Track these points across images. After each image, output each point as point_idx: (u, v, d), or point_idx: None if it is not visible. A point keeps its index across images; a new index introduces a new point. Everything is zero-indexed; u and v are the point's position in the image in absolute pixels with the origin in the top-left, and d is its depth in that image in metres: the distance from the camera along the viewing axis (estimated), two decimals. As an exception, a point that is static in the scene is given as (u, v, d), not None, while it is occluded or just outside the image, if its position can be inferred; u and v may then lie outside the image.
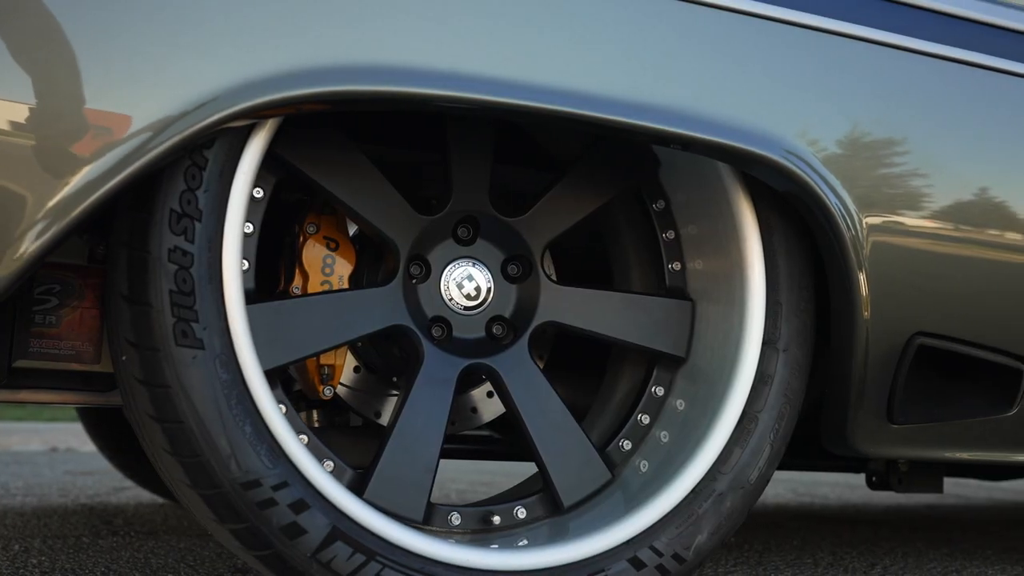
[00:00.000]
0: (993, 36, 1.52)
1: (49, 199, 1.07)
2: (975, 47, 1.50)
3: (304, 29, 1.18)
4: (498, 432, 1.95)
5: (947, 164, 1.52)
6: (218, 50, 1.14)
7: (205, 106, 1.12)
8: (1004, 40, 1.53)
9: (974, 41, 1.50)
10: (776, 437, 1.45)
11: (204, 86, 1.13)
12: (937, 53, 1.48)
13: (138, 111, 1.10)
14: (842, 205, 1.42)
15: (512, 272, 1.52)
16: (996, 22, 1.52)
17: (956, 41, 1.49)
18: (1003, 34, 1.53)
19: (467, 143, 1.47)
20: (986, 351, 1.54)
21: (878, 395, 1.50)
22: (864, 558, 2.18)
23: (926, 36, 1.48)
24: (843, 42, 1.45)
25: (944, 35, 1.49)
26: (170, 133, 1.11)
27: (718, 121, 1.38)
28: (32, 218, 1.07)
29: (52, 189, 1.07)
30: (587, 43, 1.31)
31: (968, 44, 1.50)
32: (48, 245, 1.08)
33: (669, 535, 1.39)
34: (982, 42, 1.51)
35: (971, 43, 1.50)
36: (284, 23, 1.17)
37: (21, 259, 1.08)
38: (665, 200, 1.59)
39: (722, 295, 1.52)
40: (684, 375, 1.56)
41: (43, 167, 1.07)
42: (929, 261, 1.50)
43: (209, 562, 1.95)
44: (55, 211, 1.08)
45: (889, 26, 1.46)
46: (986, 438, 1.59)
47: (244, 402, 1.20)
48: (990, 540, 2.62)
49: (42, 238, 1.08)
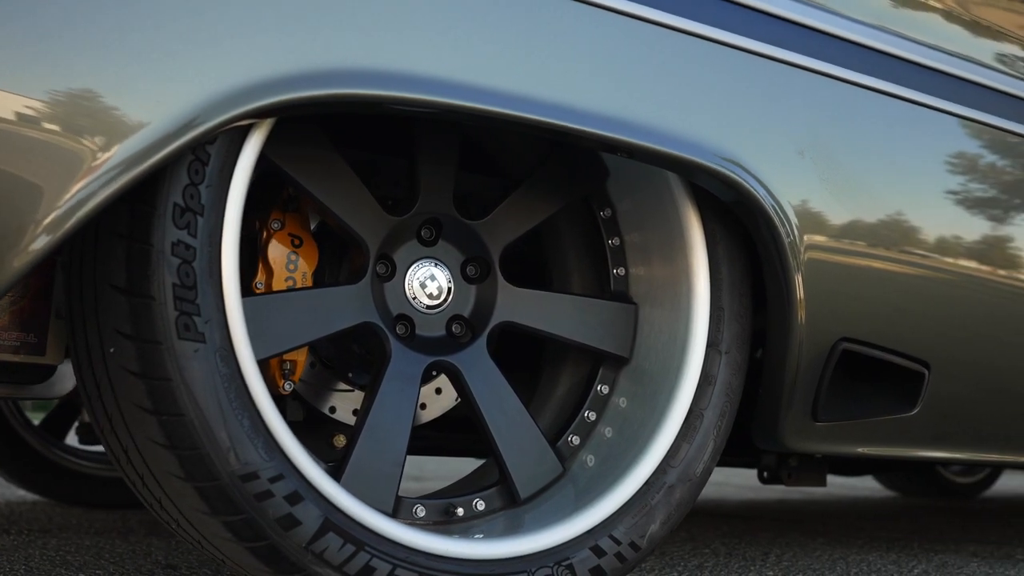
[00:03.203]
0: (922, 74, 1.68)
1: (63, 196, 1.07)
2: (904, 82, 1.65)
3: (308, 36, 1.21)
4: (435, 429, 1.99)
5: (871, 185, 1.66)
6: (231, 51, 1.15)
7: (217, 105, 1.14)
8: (930, 78, 1.69)
9: (903, 76, 1.65)
10: (719, 433, 1.56)
11: (217, 85, 1.14)
12: (868, 84, 1.62)
13: (152, 108, 1.11)
14: (783, 214, 1.54)
15: (471, 273, 1.57)
16: (924, 62, 1.67)
17: (886, 75, 1.64)
18: (930, 72, 1.69)
19: (434, 148, 1.52)
20: (897, 356, 1.69)
21: (806, 395, 1.62)
22: (757, 547, 2.33)
23: (859, 68, 1.62)
24: (787, 68, 1.57)
25: (874, 68, 1.63)
26: (184, 130, 1.12)
27: (664, 131, 1.47)
28: (45, 215, 1.06)
29: (66, 186, 1.07)
30: (542, 53, 1.37)
31: (897, 79, 1.65)
32: (58, 242, 1.07)
33: (626, 525, 1.47)
34: (911, 78, 1.66)
35: (900, 78, 1.65)
36: (293, 28, 1.19)
37: (30, 255, 1.07)
38: (612, 208, 1.68)
39: (668, 300, 1.61)
40: (627, 375, 1.65)
41: (57, 164, 1.07)
42: (854, 272, 1.63)
43: (131, 559, 1.92)
44: (68, 208, 1.07)
45: (827, 56, 1.59)
46: (894, 435, 1.74)
47: (242, 395, 1.21)
48: (856, 531, 2.83)
49: (53, 234, 1.07)
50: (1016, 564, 2.23)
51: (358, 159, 1.53)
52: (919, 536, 2.77)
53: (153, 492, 1.32)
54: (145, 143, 1.10)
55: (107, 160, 1.08)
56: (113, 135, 1.09)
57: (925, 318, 1.72)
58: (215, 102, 1.13)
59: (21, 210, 1.06)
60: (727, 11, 1.54)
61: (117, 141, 1.09)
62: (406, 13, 1.27)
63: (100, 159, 1.08)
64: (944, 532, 2.90)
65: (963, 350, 1.80)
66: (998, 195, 1.86)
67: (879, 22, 1.67)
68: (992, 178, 1.85)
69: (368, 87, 1.24)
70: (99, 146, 1.08)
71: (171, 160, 1.13)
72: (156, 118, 1.10)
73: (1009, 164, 1.88)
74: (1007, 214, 1.86)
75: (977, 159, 1.83)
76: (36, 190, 1.06)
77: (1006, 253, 1.83)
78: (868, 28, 1.65)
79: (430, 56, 1.28)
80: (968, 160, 1.81)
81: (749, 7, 1.55)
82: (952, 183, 1.79)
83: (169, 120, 1.11)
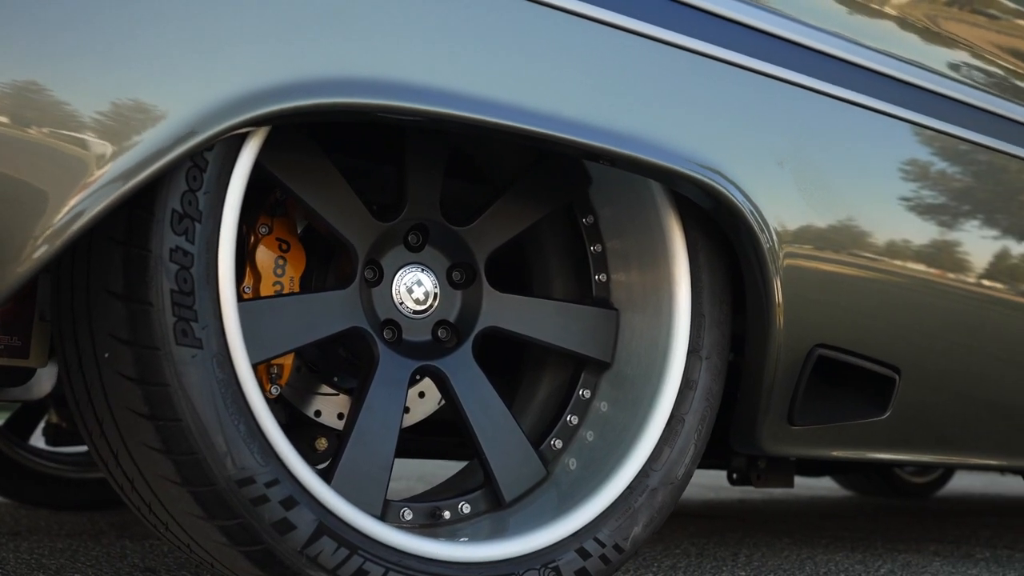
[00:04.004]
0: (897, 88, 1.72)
1: (67, 203, 1.07)
2: (880, 96, 1.70)
3: (305, 45, 1.22)
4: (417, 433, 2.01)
5: (845, 195, 1.70)
6: (232, 60, 1.16)
7: (218, 113, 1.15)
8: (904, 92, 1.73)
9: (879, 90, 1.70)
10: (699, 437, 1.59)
11: (218, 93, 1.15)
12: (845, 97, 1.66)
13: (156, 116, 1.11)
14: (763, 222, 1.57)
15: (456, 279, 1.59)
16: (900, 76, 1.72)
17: (863, 88, 1.68)
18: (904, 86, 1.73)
19: (423, 154, 1.54)
20: (869, 362, 1.73)
21: (782, 400, 1.66)
22: (726, 548, 2.37)
23: (838, 82, 1.66)
24: (768, 80, 1.61)
25: (852, 82, 1.67)
26: (187, 137, 1.13)
27: (647, 141, 1.49)
28: (49, 222, 1.06)
29: (70, 193, 1.07)
30: (527, 63, 1.39)
31: (874, 93, 1.69)
32: (60, 249, 1.08)
33: (610, 527, 1.50)
34: (887, 92, 1.71)
35: (876, 92, 1.69)
36: (290, 38, 1.21)
37: (33, 262, 1.07)
38: (594, 215, 1.71)
39: (649, 306, 1.64)
40: (608, 379, 1.67)
41: (62, 172, 1.07)
42: (829, 279, 1.67)
43: (108, 561, 1.92)
44: (72, 216, 1.07)
45: (806, 70, 1.63)
46: (866, 439, 1.79)
47: (238, 401, 1.22)
48: (819, 531, 2.88)
49: (55, 242, 1.07)
50: (977, 563, 2.29)
51: (347, 165, 1.54)
52: (880, 535, 2.83)
53: (143, 496, 1.33)
54: (148, 151, 1.10)
55: (111, 168, 1.09)
56: (116, 143, 1.09)
57: (896, 324, 1.77)
58: (216, 110, 1.14)
59: (24, 218, 1.06)
60: (709, 23, 1.57)
61: (120, 149, 1.09)
62: (396, 23, 1.29)
63: (104, 166, 1.08)
64: (903, 531, 2.97)
65: (932, 356, 1.85)
66: (965, 207, 1.91)
67: (857, 37, 1.72)
68: (959, 190, 1.90)
69: (360, 96, 1.25)
70: (103, 154, 1.08)
71: (173, 167, 1.14)
72: (160, 125, 1.11)
73: (976, 176, 1.93)
74: (974, 225, 1.91)
75: (945, 172, 1.88)
76: (40, 197, 1.06)
77: (974, 262, 1.89)
78: (846, 42, 1.69)
79: (419, 65, 1.30)
80: (936, 173, 1.86)
81: (731, 20, 1.59)
82: (922, 194, 1.83)
83: (173, 127, 1.11)
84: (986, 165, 1.93)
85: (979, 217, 1.92)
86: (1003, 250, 1.95)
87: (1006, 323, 1.97)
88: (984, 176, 1.94)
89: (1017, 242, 1.97)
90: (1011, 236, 1.96)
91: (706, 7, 1.56)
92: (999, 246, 1.95)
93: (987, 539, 2.82)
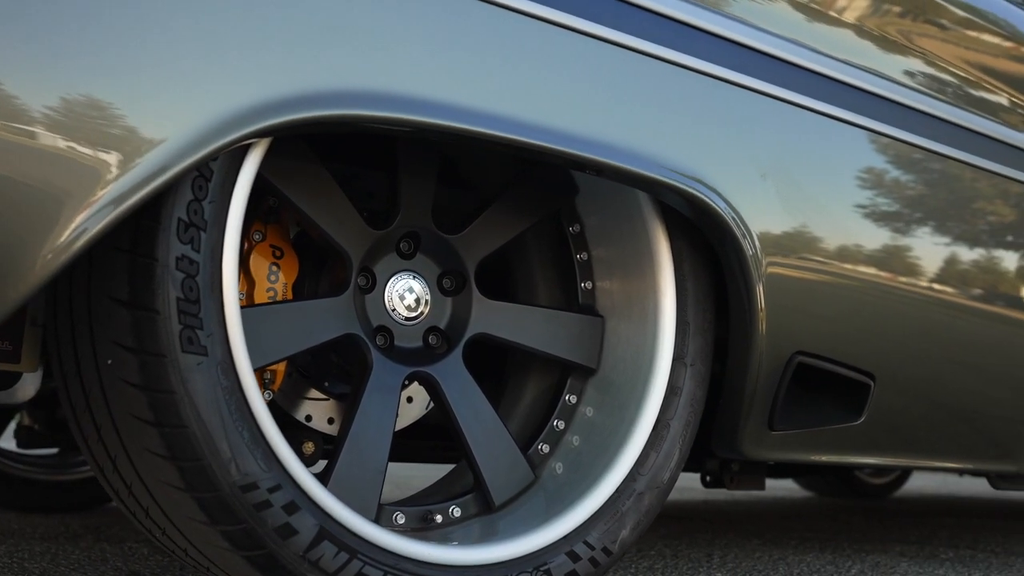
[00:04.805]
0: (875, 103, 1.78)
1: (79, 213, 1.08)
2: (858, 111, 1.75)
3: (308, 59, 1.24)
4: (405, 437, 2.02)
5: (823, 206, 1.75)
6: (240, 73, 1.18)
7: (227, 125, 1.16)
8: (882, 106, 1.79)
9: (857, 104, 1.75)
10: (684, 442, 1.63)
11: (227, 105, 1.16)
12: (826, 112, 1.71)
13: (166, 127, 1.13)
14: (746, 231, 1.61)
15: (446, 286, 1.61)
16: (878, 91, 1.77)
17: (842, 103, 1.73)
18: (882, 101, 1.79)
19: (416, 163, 1.56)
20: (846, 368, 1.78)
21: (763, 405, 1.71)
22: (699, 549, 2.42)
23: (818, 96, 1.70)
24: (752, 95, 1.65)
25: (832, 95, 1.72)
26: (199, 146, 1.14)
27: (634, 151, 1.52)
28: (61, 231, 1.07)
29: (84, 203, 1.08)
30: (515, 74, 1.42)
31: (852, 108, 1.74)
32: (73, 258, 1.09)
33: (599, 530, 1.53)
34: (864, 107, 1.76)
35: (854, 107, 1.74)
36: (294, 52, 1.22)
37: (39, 278, 1.08)
38: (580, 224, 1.74)
39: (635, 314, 1.68)
40: (594, 385, 1.71)
41: (75, 182, 1.08)
42: (808, 288, 1.72)
43: (90, 564, 1.92)
44: (82, 226, 1.08)
45: (789, 85, 1.67)
46: (843, 443, 1.84)
47: (241, 407, 1.24)
48: (786, 532, 2.94)
49: (66, 253, 1.08)
50: (943, 563, 2.35)
51: (342, 173, 1.56)
52: (845, 536, 2.89)
53: (140, 501, 1.34)
54: (158, 163, 1.12)
55: (123, 177, 1.10)
56: (128, 155, 1.10)
57: (871, 332, 1.82)
58: (225, 122, 1.16)
59: (32, 233, 1.07)
60: (693, 37, 1.61)
61: (131, 160, 1.10)
62: (392, 39, 1.31)
63: (117, 176, 1.09)
64: (867, 532, 3.03)
65: (904, 363, 1.90)
66: (937, 218, 1.96)
67: (835, 53, 1.76)
68: (931, 202, 1.96)
69: (360, 108, 1.27)
70: (115, 164, 1.09)
71: (183, 176, 1.15)
72: (171, 136, 1.12)
73: (945, 188, 1.99)
74: (946, 235, 1.97)
75: (917, 185, 1.93)
76: (50, 211, 1.07)
77: (945, 272, 1.94)
78: (827, 59, 1.74)
79: (415, 77, 1.32)
80: (904, 186, 1.92)
81: (715, 35, 1.63)
82: (895, 206, 1.89)
83: (185, 138, 1.13)
84: (947, 178, 1.99)
85: (949, 228, 1.98)
86: (961, 258, 2.01)
87: (968, 330, 2.03)
88: (950, 189, 2.00)
89: (970, 249, 2.02)
90: (964, 244, 2.01)
91: (691, 22, 1.60)
92: (961, 255, 2.01)
93: (947, 539, 2.90)
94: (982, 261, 2.06)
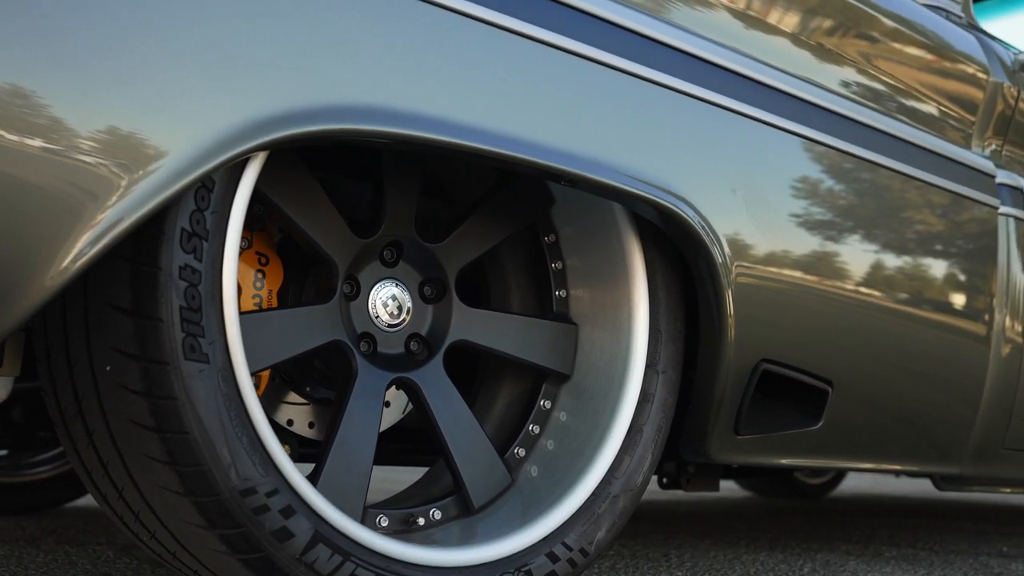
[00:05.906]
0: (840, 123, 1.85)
1: (90, 224, 1.10)
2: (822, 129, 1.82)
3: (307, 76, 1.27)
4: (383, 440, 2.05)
5: (788, 219, 1.82)
6: (244, 91, 1.21)
7: (232, 139, 1.19)
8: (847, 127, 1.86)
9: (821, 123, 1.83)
10: (656, 446, 1.69)
11: (232, 120, 1.19)
12: (787, 128, 1.79)
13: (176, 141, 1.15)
14: (717, 241, 1.67)
15: (427, 293, 1.65)
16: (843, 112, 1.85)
17: (807, 122, 1.80)
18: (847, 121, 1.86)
19: (400, 173, 1.60)
20: (807, 375, 1.86)
21: (730, 411, 1.77)
22: (655, 548, 2.48)
23: (783, 113, 1.77)
24: (724, 112, 1.71)
25: (797, 114, 1.79)
26: (205, 159, 1.16)
27: (609, 164, 1.58)
28: (72, 244, 1.09)
29: (94, 216, 1.10)
30: (492, 87, 1.46)
31: (818, 126, 1.82)
32: (82, 269, 1.10)
33: (576, 532, 1.58)
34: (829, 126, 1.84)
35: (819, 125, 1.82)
36: (293, 69, 1.25)
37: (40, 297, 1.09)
38: (555, 234, 1.79)
39: (609, 322, 1.73)
40: (568, 391, 1.76)
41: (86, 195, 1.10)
42: (773, 297, 1.79)
43: (57, 567, 1.92)
44: (93, 237, 1.10)
45: (758, 103, 1.74)
46: (803, 447, 1.91)
47: (240, 413, 1.27)
48: (734, 531, 3.02)
49: (76, 263, 1.10)
50: (888, 561, 2.45)
51: (329, 183, 1.59)
52: (791, 536, 2.98)
53: (131, 505, 1.35)
54: (168, 174, 1.14)
55: (132, 190, 1.12)
56: (136, 169, 1.12)
57: (829, 341, 1.89)
58: (230, 137, 1.18)
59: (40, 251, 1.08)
60: (668, 57, 1.67)
61: (141, 174, 1.12)
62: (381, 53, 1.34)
63: (121, 196, 1.11)
64: (811, 532, 3.13)
65: (858, 369, 1.98)
66: (893, 231, 2.05)
67: (800, 72, 1.84)
68: (881, 218, 2.05)
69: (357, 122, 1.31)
70: (118, 184, 1.11)
71: (190, 188, 1.18)
72: (179, 150, 1.14)
73: (900, 202, 2.08)
74: (899, 247, 2.06)
75: (869, 201, 2.02)
76: (66, 221, 1.09)
77: (900, 284, 2.03)
78: (793, 78, 1.81)
79: (404, 92, 1.36)
80: (863, 202, 2.00)
81: (690, 54, 1.69)
82: (850, 221, 1.97)
83: (191, 152, 1.15)
84: (901, 192, 2.08)
85: (903, 241, 2.07)
86: (907, 270, 2.10)
87: (914, 338, 2.12)
88: (904, 203, 2.09)
89: (913, 261, 2.11)
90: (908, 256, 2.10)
91: (666, 40, 1.66)
92: (906, 267, 2.10)
93: (888, 538, 3.00)
94: (926, 273, 2.15)
